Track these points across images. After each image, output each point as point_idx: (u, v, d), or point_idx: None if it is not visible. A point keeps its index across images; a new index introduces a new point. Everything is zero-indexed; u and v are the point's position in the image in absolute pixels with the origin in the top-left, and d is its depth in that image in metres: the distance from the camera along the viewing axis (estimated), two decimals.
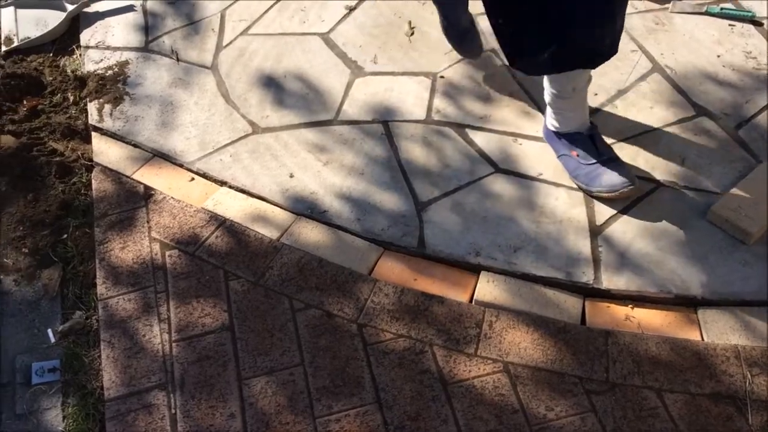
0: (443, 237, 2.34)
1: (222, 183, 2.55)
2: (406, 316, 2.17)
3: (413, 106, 2.72)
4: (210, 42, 3.02)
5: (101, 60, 2.98)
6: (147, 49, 3.01)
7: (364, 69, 2.86)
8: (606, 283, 2.19)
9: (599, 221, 2.33)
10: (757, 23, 2.89)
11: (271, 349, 2.12)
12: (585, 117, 2.39)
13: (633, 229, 2.31)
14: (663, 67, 2.75)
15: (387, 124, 2.67)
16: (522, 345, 2.09)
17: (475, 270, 2.28)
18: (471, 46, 2.77)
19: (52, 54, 3.07)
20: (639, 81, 2.71)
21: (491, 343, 2.09)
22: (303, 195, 2.47)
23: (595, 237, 2.30)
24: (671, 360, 2.05)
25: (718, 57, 2.77)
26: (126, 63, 2.95)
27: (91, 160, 2.63)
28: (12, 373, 2.17)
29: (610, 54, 2.09)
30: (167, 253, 2.34)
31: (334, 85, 2.81)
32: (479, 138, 2.59)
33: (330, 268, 2.29)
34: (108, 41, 3.06)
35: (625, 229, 2.31)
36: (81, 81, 2.90)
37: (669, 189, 2.40)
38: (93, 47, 3.04)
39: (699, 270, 2.22)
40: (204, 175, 2.58)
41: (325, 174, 2.53)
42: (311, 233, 2.38)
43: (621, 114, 2.61)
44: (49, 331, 2.25)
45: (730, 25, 2.90)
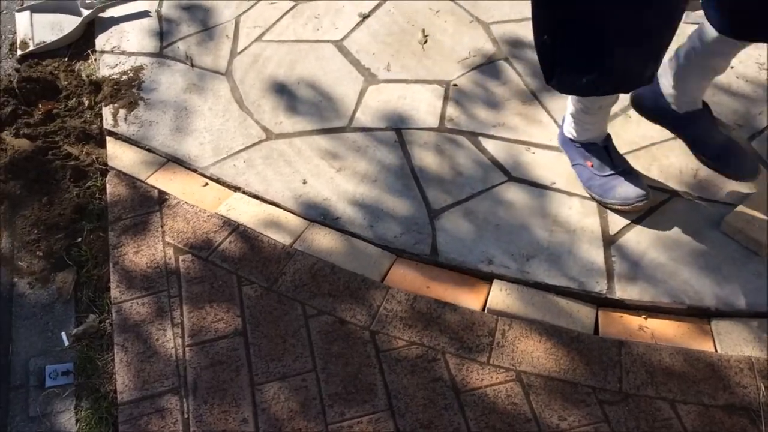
0: (456, 245, 2.34)
1: (235, 188, 2.56)
2: (418, 323, 2.17)
3: (426, 113, 2.72)
4: (224, 48, 3.03)
5: (116, 65, 3.00)
6: (162, 55, 3.03)
7: (377, 76, 2.87)
8: (619, 293, 2.19)
9: (613, 231, 2.33)
10: None
11: (284, 355, 2.12)
12: (604, 129, 2.39)
13: (646, 239, 2.31)
14: None
15: (400, 131, 2.67)
16: (535, 354, 2.09)
17: (488, 278, 2.28)
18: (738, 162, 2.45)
19: (67, 58, 3.09)
20: None
21: (504, 352, 2.09)
22: (316, 201, 2.48)
23: (609, 247, 2.30)
24: (685, 371, 2.04)
25: (731, 68, 2.77)
26: (141, 68, 2.97)
27: (106, 164, 2.65)
28: (25, 376, 2.18)
29: (648, 82, 2.06)
30: (181, 258, 2.35)
31: (347, 93, 2.82)
32: (492, 146, 2.60)
33: (343, 274, 2.29)
34: (123, 46, 3.08)
35: (639, 239, 2.31)
36: (96, 85, 2.92)
37: (683, 199, 2.40)
38: (108, 52, 3.06)
39: (712, 281, 2.21)
40: (218, 181, 2.59)
41: (338, 181, 2.53)
42: (324, 239, 2.39)
43: (635, 124, 2.61)
44: (63, 335, 2.26)
45: None
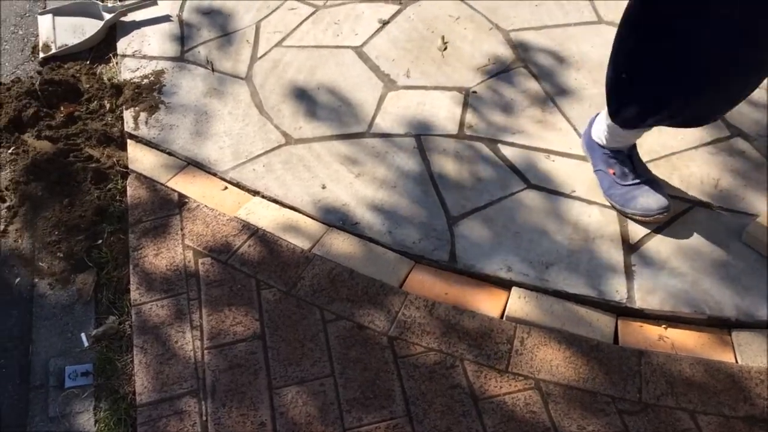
0: (474, 251, 2.34)
1: (255, 192, 2.57)
2: (436, 329, 2.17)
3: (445, 120, 2.73)
4: (245, 53, 3.05)
5: (137, 69, 3.02)
6: (182, 59, 3.05)
7: (396, 83, 2.88)
8: (639, 303, 2.18)
9: (633, 239, 2.32)
10: None
11: (302, 359, 2.12)
12: (633, 141, 2.38)
13: (667, 249, 2.30)
14: None
15: (419, 137, 2.68)
16: (554, 362, 2.08)
17: (507, 285, 2.28)
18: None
19: (89, 62, 3.12)
20: None
21: (523, 360, 2.09)
22: (335, 206, 2.48)
23: (629, 255, 2.29)
24: (705, 382, 2.03)
25: None
26: (162, 72, 2.99)
27: (127, 167, 2.66)
28: (45, 376, 2.19)
29: (714, 120, 2.03)
30: (200, 261, 2.36)
31: (366, 98, 2.83)
32: (511, 153, 2.60)
33: (361, 279, 2.29)
34: (144, 50, 3.10)
35: (659, 249, 2.30)
36: (117, 89, 2.94)
37: (703, 209, 2.39)
38: (129, 56, 3.08)
39: (733, 291, 2.20)
40: (237, 185, 2.60)
41: (357, 186, 2.54)
42: (343, 244, 2.39)
43: (655, 132, 2.60)
44: (83, 336, 2.28)
45: None
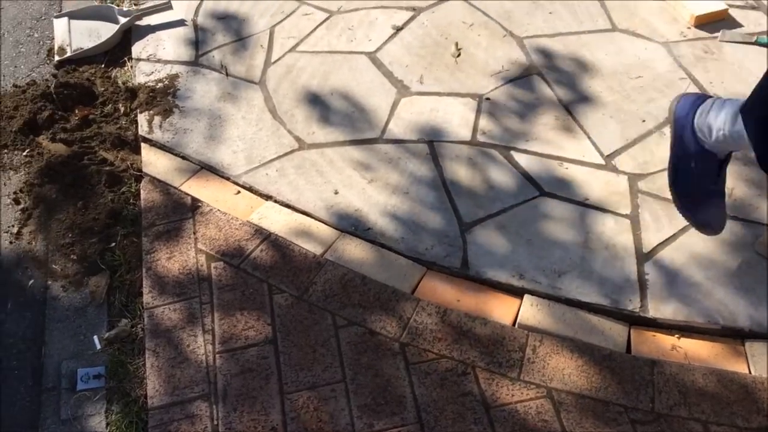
0: (487, 258, 2.33)
1: (267, 197, 2.57)
2: (448, 336, 2.16)
3: (459, 126, 2.73)
4: (258, 58, 3.06)
5: (152, 72, 3.03)
6: (197, 63, 3.06)
7: (410, 89, 2.88)
8: (652, 312, 2.17)
9: (647, 248, 2.31)
10: None
11: (314, 365, 2.12)
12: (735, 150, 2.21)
13: (680, 258, 2.29)
14: (712, 96, 2.73)
15: (432, 144, 2.68)
16: (566, 371, 2.07)
17: (519, 293, 2.27)
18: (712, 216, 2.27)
19: (104, 65, 3.13)
20: None
21: (535, 368, 2.08)
22: (347, 212, 2.49)
23: (642, 264, 2.28)
24: (718, 392, 2.02)
25: None
26: (176, 76, 3.00)
27: (140, 170, 2.68)
28: (58, 378, 2.20)
29: None
30: (212, 265, 2.37)
31: (379, 104, 2.83)
32: (524, 160, 2.59)
33: (373, 285, 2.29)
34: (159, 54, 3.12)
35: (673, 257, 2.29)
36: (132, 92, 2.95)
37: None
38: (144, 60, 3.10)
39: (747, 301, 2.19)
40: (250, 189, 2.60)
41: (370, 192, 2.54)
42: (355, 250, 2.39)
43: (667, 140, 2.59)
44: (95, 338, 2.28)
45: None
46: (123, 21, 3.22)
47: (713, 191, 2.21)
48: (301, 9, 3.25)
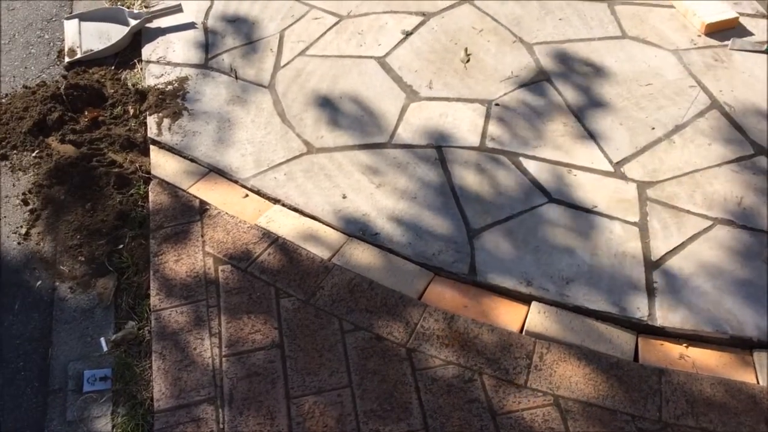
0: (494, 265, 2.33)
1: (275, 201, 2.57)
2: (455, 342, 2.16)
3: (467, 132, 2.72)
4: (268, 61, 3.06)
5: (161, 75, 3.04)
6: (206, 66, 3.07)
7: (419, 94, 2.88)
8: (660, 320, 2.16)
9: (655, 257, 2.30)
10: None
11: (320, 369, 2.12)
12: None
13: (689, 266, 2.28)
14: (722, 104, 2.73)
15: (441, 149, 2.67)
16: (573, 379, 2.06)
17: (526, 300, 2.27)
18: None
19: (113, 67, 3.14)
20: (697, 117, 2.69)
21: (542, 375, 2.07)
22: (355, 216, 2.48)
23: (651, 272, 2.27)
24: (726, 402, 2.01)
25: None
26: (185, 79, 3.01)
27: (149, 172, 2.68)
28: (64, 380, 2.20)
29: None
30: (220, 268, 2.37)
31: (388, 109, 2.83)
32: (533, 167, 2.59)
33: (380, 290, 2.29)
34: (169, 57, 3.12)
35: (681, 266, 2.28)
36: (141, 95, 2.96)
37: (726, 227, 2.37)
38: (154, 62, 3.11)
39: (755, 311, 2.18)
40: (258, 192, 2.60)
41: (378, 196, 2.54)
42: (362, 255, 2.39)
43: (679, 149, 2.59)
44: (102, 340, 2.29)
45: None
46: (133, 23, 3.23)
47: None
48: (311, 13, 3.25)
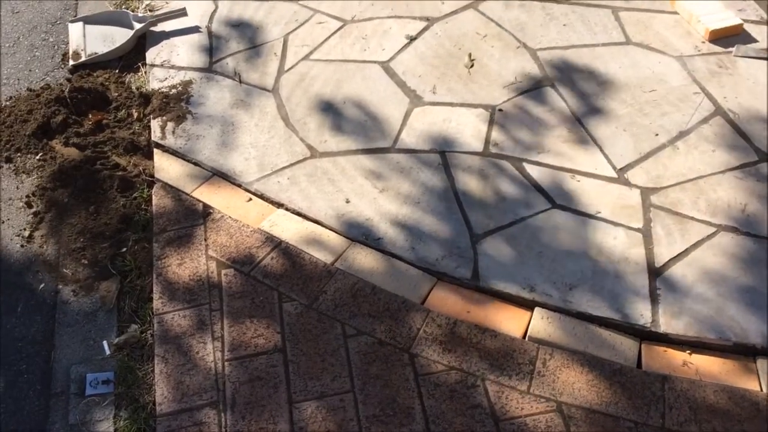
0: (498, 270, 2.32)
1: (279, 205, 2.57)
2: (458, 348, 2.16)
3: (471, 137, 2.72)
4: (272, 65, 3.07)
5: (166, 78, 3.05)
6: (210, 70, 3.07)
7: (422, 99, 2.88)
8: (664, 327, 2.16)
9: (659, 263, 2.30)
10: None
11: (322, 374, 2.12)
12: None
13: (693, 273, 2.27)
14: (726, 111, 2.72)
15: (444, 154, 2.67)
16: (576, 385, 2.06)
17: (529, 306, 2.26)
18: None
19: (118, 70, 3.15)
20: (701, 123, 2.69)
21: (545, 382, 2.07)
22: (358, 221, 2.48)
23: (654, 279, 2.27)
24: (729, 409, 2.00)
25: None
26: (190, 82, 3.01)
27: (153, 176, 2.68)
28: (66, 383, 2.20)
29: None
30: (223, 272, 2.37)
31: (392, 114, 2.83)
32: (536, 172, 2.59)
33: (383, 295, 2.29)
34: (173, 60, 3.13)
35: (685, 273, 2.27)
36: (145, 98, 2.97)
37: (730, 234, 2.37)
38: (158, 66, 3.11)
39: (759, 318, 2.17)
40: (261, 196, 2.61)
41: (381, 201, 2.54)
42: (365, 259, 2.39)
43: (682, 156, 2.59)
44: (105, 343, 2.28)
45: None
46: (138, 27, 3.23)
47: None
48: (315, 17, 3.26)
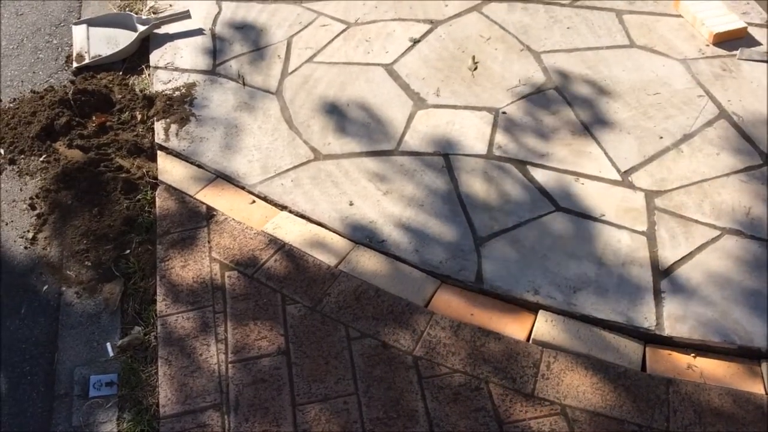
0: (501, 273, 2.32)
1: (282, 207, 2.57)
2: (462, 350, 2.15)
3: (475, 140, 2.72)
4: (276, 68, 3.07)
5: (169, 81, 3.05)
6: (214, 72, 3.07)
7: (426, 101, 2.88)
8: (668, 330, 2.15)
9: (663, 266, 2.30)
10: None
11: (326, 377, 2.11)
12: None
13: (697, 276, 2.27)
14: (730, 114, 2.72)
15: (448, 156, 2.67)
16: (580, 388, 2.05)
17: (533, 308, 2.26)
18: None
19: (121, 72, 3.15)
20: (705, 126, 2.69)
21: (549, 385, 2.07)
22: (362, 223, 2.48)
23: (659, 282, 2.26)
24: (734, 413, 1.99)
25: None
26: (193, 85, 3.01)
27: (156, 178, 2.68)
28: (70, 385, 2.20)
29: None
30: (226, 274, 2.36)
31: (396, 116, 2.83)
32: (540, 175, 2.58)
33: (387, 298, 2.29)
34: (176, 63, 3.13)
35: (689, 276, 2.27)
36: (149, 100, 2.97)
37: (734, 237, 2.36)
38: (162, 68, 3.12)
39: (763, 321, 2.17)
40: (265, 199, 2.60)
41: (385, 203, 2.54)
42: (369, 262, 2.39)
43: (687, 159, 2.58)
44: (108, 345, 2.28)
45: None
46: (141, 29, 3.24)
47: None
48: (319, 20, 3.26)
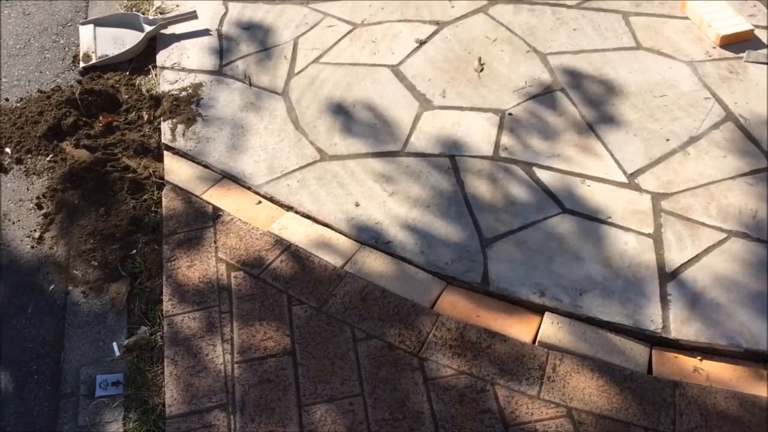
0: (507, 275, 2.32)
1: (288, 208, 2.58)
2: (468, 352, 2.15)
3: (481, 141, 2.72)
4: (282, 68, 3.07)
5: (176, 81, 3.05)
6: (220, 73, 3.08)
7: (432, 102, 2.88)
8: (674, 333, 2.15)
9: (669, 268, 2.29)
10: None
11: (332, 377, 2.12)
12: None
13: (703, 279, 2.27)
14: (737, 116, 2.71)
15: (454, 158, 2.67)
16: (586, 391, 2.05)
17: (539, 310, 2.26)
18: None
19: (128, 72, 3.16)
20: (712, 129, 2.68)
21: (555, 387, 2.06)
22: (368, 224, 2.48)
23: (665, 284, 2.26)
24: (740, 416, 1.99)
25: None
26: (200, 85, 3.02)
27: (163, 178, 2.69)
28: (76, 384, 2.20)
29: None
30: (233, 275, 2.37)
31: (402, 117, 2.83)
32: (546, 177, 2.58)
33: (393, 299, 2.29)
34: (183, 63, 3.14)
35: (696, 278, 2.27)
36: (155, 100, 2.97)
37: (741, 240, 2.36)
38: (168, 68, 3.12)
39: None
40: (271, 199, 2.61)
41: (391, 204, 2.54)
42: (375, 263, 2.39)
43: (693, 161, 2.58)
44: (114, 345, 2.29)
45: None
46: (148, 29, 3.24)
47: None
48: (325, 21, 3.26)
